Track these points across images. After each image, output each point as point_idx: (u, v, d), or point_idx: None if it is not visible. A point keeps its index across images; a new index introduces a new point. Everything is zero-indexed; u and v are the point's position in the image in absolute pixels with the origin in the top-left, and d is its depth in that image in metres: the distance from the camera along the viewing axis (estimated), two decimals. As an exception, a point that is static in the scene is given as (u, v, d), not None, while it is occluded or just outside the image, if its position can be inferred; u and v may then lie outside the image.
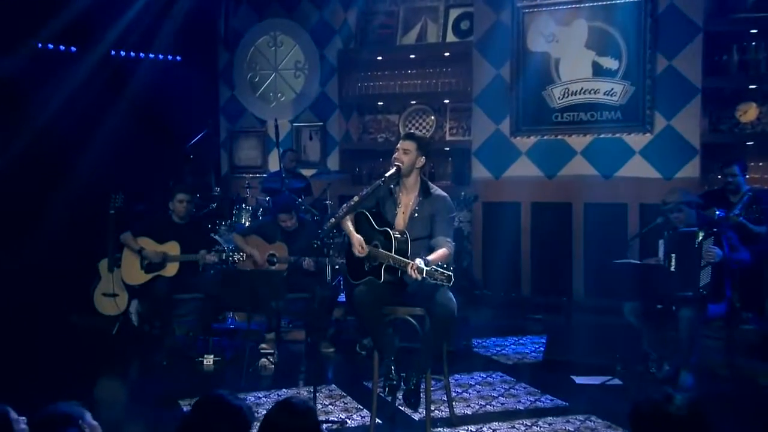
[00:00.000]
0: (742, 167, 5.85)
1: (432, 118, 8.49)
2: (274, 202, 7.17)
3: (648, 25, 7.05)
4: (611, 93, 7.27)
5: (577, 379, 5.26)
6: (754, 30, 6.82)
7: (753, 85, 6.94)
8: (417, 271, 3.86)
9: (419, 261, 3.89)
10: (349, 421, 4.53)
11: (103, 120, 7.30)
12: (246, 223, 7.40)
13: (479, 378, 5.39)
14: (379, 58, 8.46)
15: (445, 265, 3.88)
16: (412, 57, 8.35)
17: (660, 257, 5.25)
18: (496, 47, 7.72)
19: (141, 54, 8.21)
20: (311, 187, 8.16)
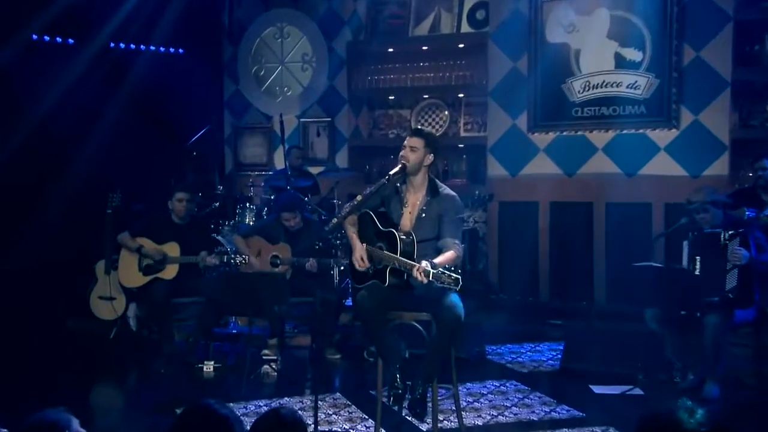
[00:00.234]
0: (773, 161, 5.72)
1: (445, 113, 8.36)
2: (276, 200, 7.07)
3: (674, 14, 6.89)
4: (635, 86, 7.12)
5: (596, 389, 5.16)
6: (788, 19, 6.67)
7: (786, 77, 6.78)
8: (423, 274, 3.82)
9: (426, 263, 3.85)
10: None
11: (102, 115, 7.25)
12: (250, 223, 7.31)
13: (492, 387, 5.30)
14: (391, 50, 8.37)
15: (453, 268, 3.83)
16: (424, 49, 8.25)
17: (684, 261, 5.14)
18: (513, 38, 7.61)
19: (141, 46, 8.13)
20: (319, 186, 8.06)
